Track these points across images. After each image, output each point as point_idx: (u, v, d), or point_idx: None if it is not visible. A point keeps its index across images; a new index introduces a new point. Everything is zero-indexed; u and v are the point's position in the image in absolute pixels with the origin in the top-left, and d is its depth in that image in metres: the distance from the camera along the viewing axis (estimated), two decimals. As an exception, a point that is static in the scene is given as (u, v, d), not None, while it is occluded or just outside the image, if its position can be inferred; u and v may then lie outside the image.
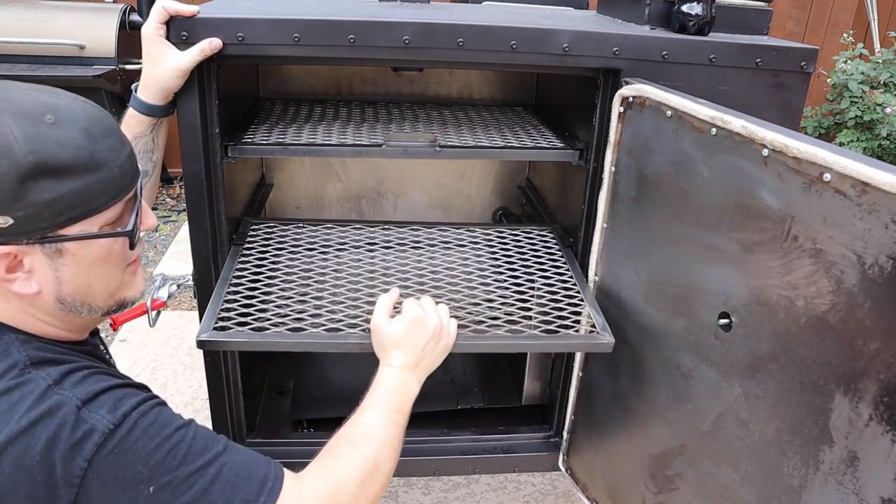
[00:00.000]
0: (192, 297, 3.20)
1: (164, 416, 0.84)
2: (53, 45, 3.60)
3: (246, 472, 0.86)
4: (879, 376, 0.80)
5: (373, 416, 1.06)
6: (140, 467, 0.79)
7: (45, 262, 0.83)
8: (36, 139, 0.78)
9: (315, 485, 0.93)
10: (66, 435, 0.77)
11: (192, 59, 1.18)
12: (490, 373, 2.06)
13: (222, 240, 1.40)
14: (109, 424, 0.79)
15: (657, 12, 1.39)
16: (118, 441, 0.79)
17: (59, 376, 0.81)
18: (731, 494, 1.06)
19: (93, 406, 0.80)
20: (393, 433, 1.06)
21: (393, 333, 1.15)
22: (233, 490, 0.83)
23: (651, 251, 1.22)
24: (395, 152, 1.52)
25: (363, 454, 0.99)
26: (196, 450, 0.83)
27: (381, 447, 1.03)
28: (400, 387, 1.11)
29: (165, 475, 0.80)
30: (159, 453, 0.81)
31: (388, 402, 1.08)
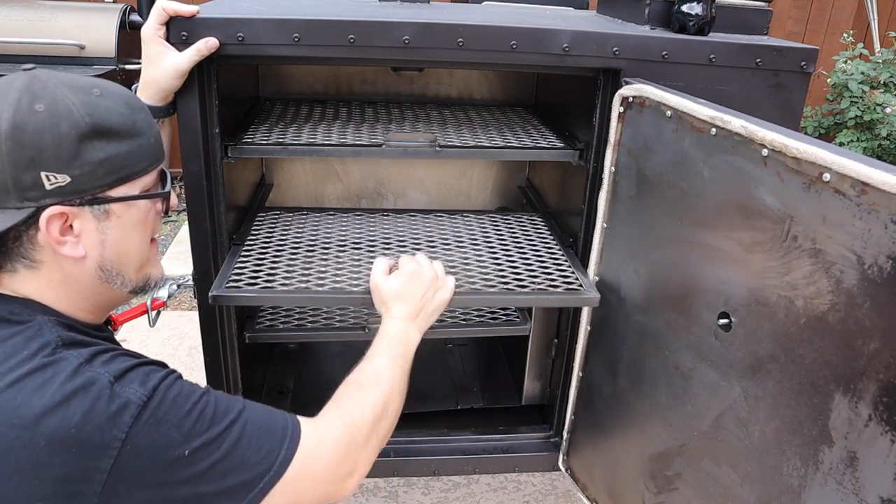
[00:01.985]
0: (192, 297, 3.20)
1: (186, 386, 0.90)
2: (53, 45, 3.59)
3: (267, 425, 0.93)
4: (879, 376, 0.80)
5: (379, 363, 1.13)
6: (174, 434, 0.85)
7: (93, 226, 0.90)
8: (89, 105, 0.86)
9: (331, 426, 1.00)
10: (102, 408, 0.81)
11: (189, 59, 1.18)
12: (490, 373, 2.06)
13: (222, 240, 1.40)
14: (143, 397, 0.84)
15: (657, 12, 1.39)
16: (151, 412, 0.84)
17: (89, 356, 0.86)
18: (731, 494, 1.06)
19: (124, 381, 0.85)
20: (398, 377, 1.13)
21: (392, 287, 1.23)
22: (258, 442, 0.91)
23: (651, 251, 1.22)
24: (395, 152, 1.52)
25: (374, 397, 1.07)
26: (220, 412, 0.90)
27: (389, 390, 1.10)
28: (402, 336, 1.18)
29: (197, 438, 0.86)
30: (189, 419, 0.86)
31: (392, 350, 1.15)
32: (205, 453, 0.86)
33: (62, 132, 0.83)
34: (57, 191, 0.85)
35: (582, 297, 1.38)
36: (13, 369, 0.82)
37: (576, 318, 1.51)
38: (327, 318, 1.70)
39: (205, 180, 1.31)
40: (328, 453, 0.97)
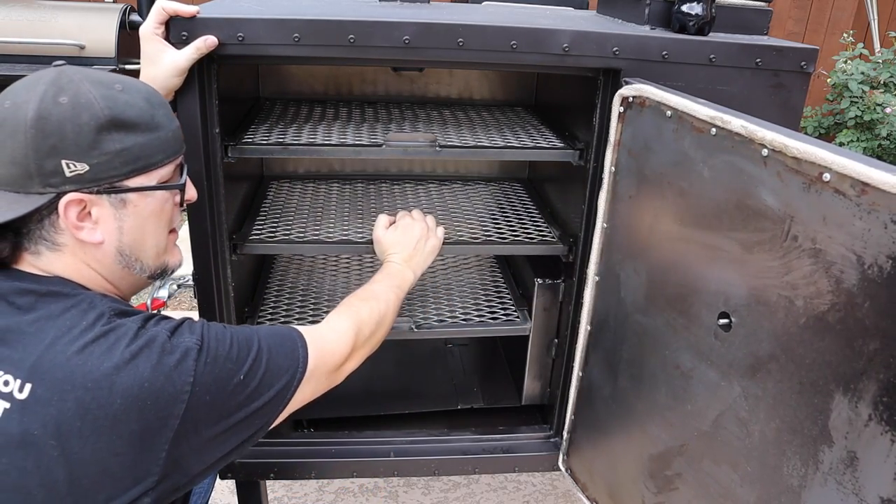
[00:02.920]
0: (192, 297, 3.20)
1: (215, 325, 1.01)
2: (53, 45, 3.59)
3: (280, 336, 1.07)
4: (879, 376, 0.80)
5: (379, 287, 1.34)
6: (229, 365, 0.96)
7: (110, 213, 0.96)
8: (110, 98, 0.92)
9: (339, 323, 1.19)
10: (167, 360, 0.90)
11: (188, 57, 1.18)
12: (490, 373, 2.06)
13: (222, 240, 1.41)
14: (196, 342, 0.94)
15: (657, 12, 1.39)
16: (206, 352, 0.94)
17: (142, 320, 0.94)
18: (731, 494, 1.06)
19: (177, 334, 0.94)
20: (393, 300, 1.33)
21: (389, 238, 1.46)
22: (281, 350, 1.05)
23: (651, 251, 1.22)
24: (395, 152, 1.52)
25: (375, 306, 1.27)
26: (247, 336, 1.02)
27: (386, 306, 1.30)
28: (399, 273, 1.40)
29: (245, 362, 0.98)
30: (235, 349, 0.98)
31: (389, 280, 1.37)
32: (254, 373, 0.98)
33: (82, 122, 0.89)
34: (76, 178, 0.90)
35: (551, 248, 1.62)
36: (77, 338, 0.89)
37: (576, 318, 1.51)
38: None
39: (205, 180, 1.31)
40: (339, 342, 1.16)
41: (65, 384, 0.86)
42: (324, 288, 1.87)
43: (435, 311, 1.76)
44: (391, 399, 1.90)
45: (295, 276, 1.93)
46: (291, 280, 1.91)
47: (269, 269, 1.97)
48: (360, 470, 1.64)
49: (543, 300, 1.69)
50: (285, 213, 1.78)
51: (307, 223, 1.71)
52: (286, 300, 1.79)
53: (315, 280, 1.91)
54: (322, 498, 2.13)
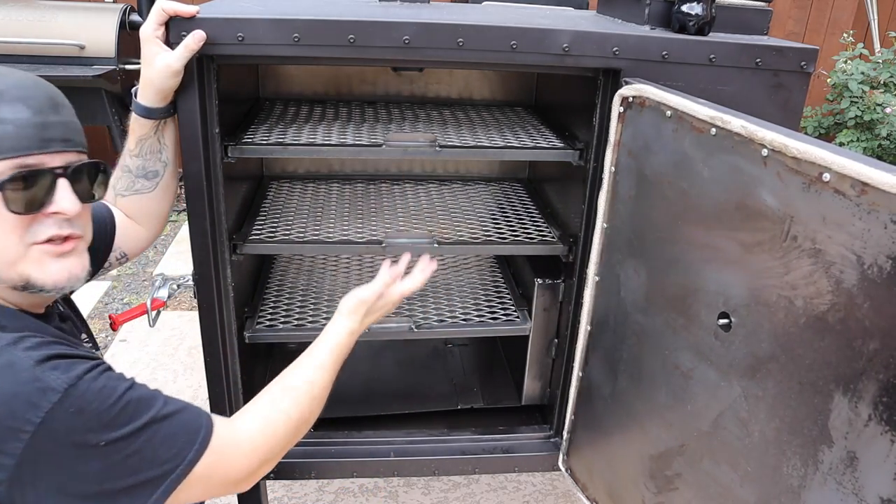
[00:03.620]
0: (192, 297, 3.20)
1: (112, 379, 0.90)
2: (53, 45, 3.60)
3: (183, 423, 0.94)
4: (879, 376, 0.80)
5: (320, 378, 1.15)
6: (93, 423, 0.85)
7: None
8: None
9: (253, 435, 1.02)
10: (17, 391, 0.81)
11: (179, 57, 1.17)
12: (490, 373, 2.06)
13: (222, 240, 1.40)
14: (64, 384, 0.83)
15: (657, 12, 1.39)
16: (73, 400, 0.83)
17: (13, 340, 0.85)
18: (731, 494, 1.06)
19: (46, 367, 0.84)
20: (327, 392, 1.16)
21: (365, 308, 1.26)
22: (172, 440, 0.91)
23: (651, 251, 1.22)
24: (395, 152, 1.53)
25: (300, 413, 1.09)
26: (142, 406, 0.90)
27: (317, 408, 1.13)
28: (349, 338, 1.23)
29: (116, 430, 0.86)
30: (112, 411, 0.86)
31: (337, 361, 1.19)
32: (121, 445, 0.86)
33: None
34: None
35: (549, 248, 1.63)
36: None
37: (576, 318, 1.51)
38: (327, 318, 1.69)
39: (205, 180, 1.31)
40: (243, 457, 0.99)
41: None
42: (324, 288, 1.87)
43: (435, 311, 1.76)
44: (391, 399, 1.90)
45: (295, 276, 1.93)
46: (291, 280, 1.91)
47: (269, 269, 1.97)
48: (360, 470, 1.64)
49: (543, 300, 1.69)
50: (285, 213, 1.78)
51: (307, 223, 1.71)
52: (286, 300, 1.79)
53: (315, 280, 1.91)
54: (322, 498, 2.13)
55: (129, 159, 1.27)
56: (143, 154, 1.27)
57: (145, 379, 2.80)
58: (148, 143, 1.25)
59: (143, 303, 1.54)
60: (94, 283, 3.40)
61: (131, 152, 1.26)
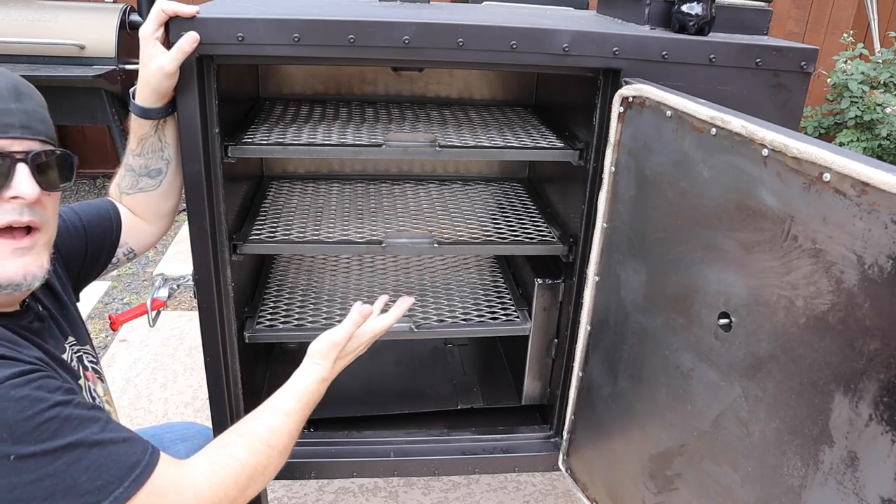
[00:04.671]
0: (192, 297, 3.20)
1: (44, 391, 0.83)
2: (53, 45, 3.60)
3: (117, 454, 0.86)
4: (879, 376, 0.80)
5: (285, 425, 1.08)
6: (4, 435, 0.79)
7: None
8: None
9: (198, 482, 0.93)
10: None
11: (173, 59, 1.16)
12: (490, 373, 2.06)
13: (222, 240, 1.40)
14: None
15: (657, 12, 1.39)
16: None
17: None
18: (731, 494, 1.06)
19: None
20: (292, 441, 1.09)
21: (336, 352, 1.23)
22: (99, 470, 0.84)
23: (651, 251, 1.22)
24: (395, 152, 1.52)
25: (257, 463, 1.01)
26: (70, 427, 0.83)
27: (278, 458, 1.05)
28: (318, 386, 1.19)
29: (31, 446, 0.80)
30: (29, 424, 0.80)
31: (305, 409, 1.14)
32: (34, 465, 0.80)
33: None
34: None
35: (549, 247, 1.63)
36: None
37: (576, 318, 1.51)
38: (327, 318, 1.70)
39: (205, 180, 1.31)
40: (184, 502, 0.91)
41: None
42: (324, 288, 1.87)
43: (435, 311, 1.76)
44: (391, 399, 1.90)
45: (295, 276, 1.93)
46: (291, 280, 1.91)
47: (269, 269, 1.97)
48: (360, 470, 1.64)
49: (543, 300, 1.69)
50: (285, 213, 1.78)
51: (307, 223, 1.71)
52: (286, 300, 1.79)
53: (315, 280, 1.91)
54: (322, 498, 2.13)
55: (131, 158, 1.28)
56: (145, 153, 1.27)
57: (145, 379, 2.80)
58: (149, 143, 1.26)
59: (143, 303, 1.54)
60: (94, 283, 3.39)
61: (133, 152, 1.27)
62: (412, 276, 1.97)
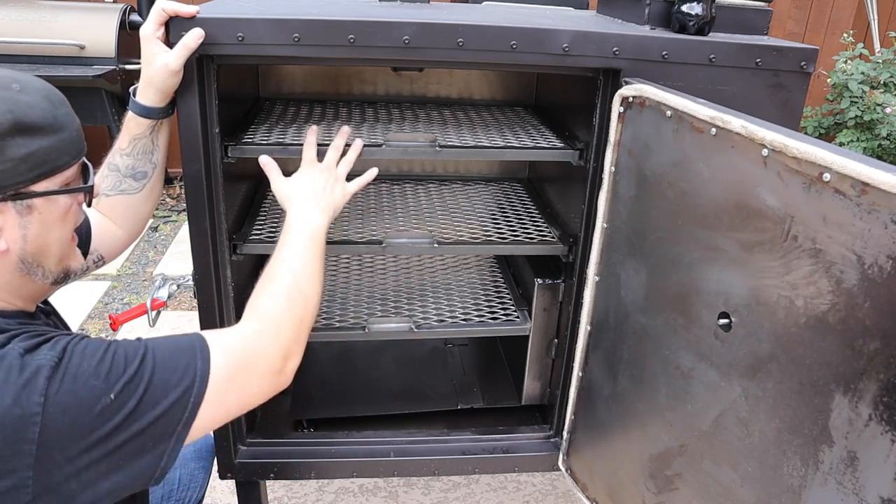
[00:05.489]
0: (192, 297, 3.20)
1: (93, 341, 0.91)
2: (53, 45, 3.60)
3: (173, 346, 0.95)
4: (879, 376, 0.80)
5: (288, 251, 1.16)
6: (94, 382, 0.86)
7: (15, 221, 0.90)
8: (9, 101, 0.87)
9: (249, 323, 1.05)
10: (13, 378, 0.82)
11: (178, 56, 1.17)
12: (490, 373, 2.06)
13: (222, 240, 1.40)
14: (54, 358, 0.85)
15: (657, 12, 1.39)
16: (65, 369, 0.85)
17: (5, 339, 0.87)
18: (731, 494, 1.06)
19: (35, 352, 0.85)
20: (310, 260, 1.16)
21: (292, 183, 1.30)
22: (172, 363, 0.93)
23: (651, 251, 1.22)
24: (395, 152, 1.52)
25: (285, 285, 1.11)
26: (130, 353, 0.91)
27: (302, 275, 1.13)
28: (305, 220, 1.22)
29: (117, 381, 0.87)
30: (104, 366, 0.87)
31: (299, 235, 1.19)
32: (129, 391, 0.87)
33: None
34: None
35: (549, 247, 1.62)
36: None
37: (576, 318, 1.51)
38: (327, 318, 1.70)
39: (205, 180, 1.31)
40: (255, 345, 1.01)
41: None
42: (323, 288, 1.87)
43: (435, 311, 1.76)
44: (391, 399, 1.90)
45: (295, 276, 1.93)
46: (291, 280, 1.91)
47: (269, 269, 1.97)
48: (360, 470, 1.64)
49: (543, 300, 1.69)
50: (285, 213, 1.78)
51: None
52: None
53: None
54: (322, 498, 2.13)
55: (118, 158, 1.27)
56: (135, 154, 1.27)
57: (145, 379, 2.79)
58: (141, 144, 1.25)
59: (143, 303, 1.54)
60: (95, 284, 3.40)
61: (122, 151, 1.26)
62: (412, 276, 1.97)
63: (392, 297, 1.83)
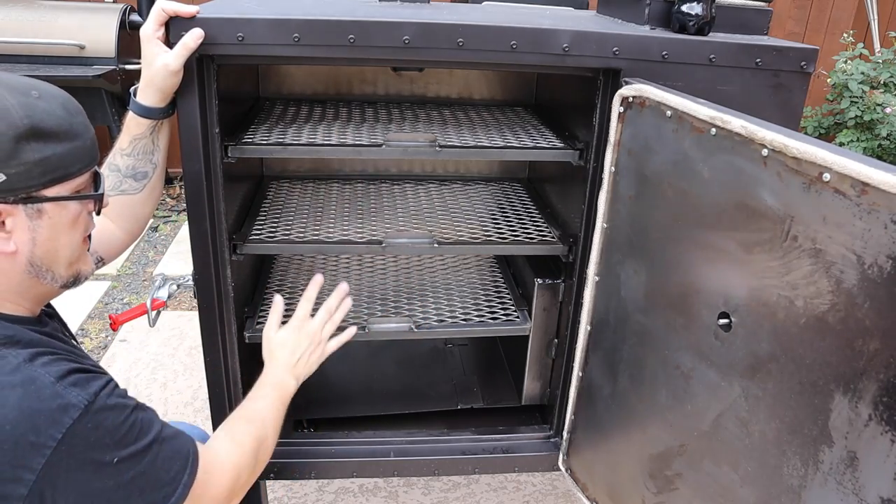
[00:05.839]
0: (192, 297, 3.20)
1: (123, 396, 0.94)
2: (53, 45, 3.60)
3: (177, 447, 1.00)
4: (879, 376, 0.80)
5: (264, 405, 1.28)
6: (108, 440, 0.88)
7: (25, 223, 0.91)
8: (28, 107, 0.89)
9: (221, 458, 1.11)
10: (40, 407, 0.84)
11: (178, 56, 1.17)
12: (490, 373, 2.06)
13: (222, 240, 1.40)
14: (84, 400, 0.87)
15: (657, 12, 1.39)
16: (91, 416, 0.87)
17: (29, 356, 0.88)
18: (731, 494, 1.06)
19: (65, 383, 0.87)
20: (277, 418, 1.29)
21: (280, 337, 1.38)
22: (169, 462, 0.97)
23: (651, 251, 1.22)
24: (395, 152, 1.52)
25: (258, 433, 1.21)
26: (146, 427, 0.95)
27: (272, 430, 1.26)
28: (283, 384, 1.34)
29: (126, 448, 0.90)
30: (123, 429, 0.90)
31: (273, 395, 1.31)
32: (130, 464, 0.91)
33: (0, 132, 0.86)
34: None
35: (549, 247, 1.63)
36: None
37: (576, 318, 1.51)
38: (327, 318, 1.69)
39: (205, 180, 1.31)
40: (219, 481, 1.07)
41: None
42: (324, 288, 1.87)
43: (435, 311, 1.76)
44: (391, 399, 1.90)
45: (295, 276, 1.93)
46: (291, 280, 1.91)
47: (269, 269, 1.97)
48: (360, 470, 1.64)
49: (543, 300, 1.69)
50: (285, 213, 1.78)
51: (307, 223, 1.71)
52: (286, 300, 1.79)
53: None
54: (322, 498, 2.13)
55: (119, 158, 1.27)
56: (136, 154, 1.27)
57: (145, 379, 2.81)
58: (142, 144, 1.25)
59: (143, 303, 1.54)
60: (95, 284, 3.40)
61: (123, 151, 1.26)
62: (412, 276, 1.97)
63: (392, 297, 1.83)
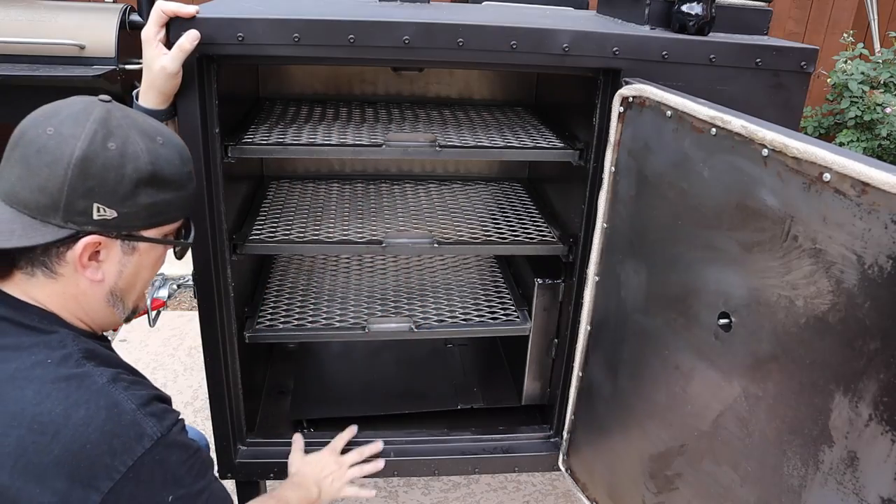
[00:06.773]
0: (192, 297, 3.20)
1: (188, 435, 0.98)
2: (53, 45, 3.59)
3: (220, 490, 1.02)
4: (879, 376, 0.80)
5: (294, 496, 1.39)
6: (168, 476, 0.91)
7: (118, 257, 0.97)
8: (153, 153, 0.94)
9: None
10: (120, 431, 0.87)
11: (174, 58, 1.17)
12: (490, 373, 2.06)
13: (222, 240, 1.40)
14: (158, 433, 0.90)
15: (657, 12, 1.39)
16: (161, 449, 0.90)
17: (111, 377, 0.91)
18: (731, 494, 1.06)
19: (145, 412, 0.90)
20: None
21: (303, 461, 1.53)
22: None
23: (651, 251, 1.22)
24: (395, 152, 1.52)
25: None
26: (202, 470, 0.97)
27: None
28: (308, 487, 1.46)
29: (183, 487, 0.93)
30: (184, 468, 0.93)
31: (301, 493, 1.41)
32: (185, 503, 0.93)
33: (125, 173, 0.91)
34: (101, 222, 0.91)
35: (548, 248, 1.63)
36: (39, 376, 0.87)
37: (576, 318, 1.51)
38: (327, 318, 1.70)
39: (205, 180, 1.31)
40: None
41: (13, 419, 0.84)
42: (324, 288, 1.87)
43: (435, 311, 1.76)
44: (391, 399, 1.90)
45: (295, 276, 1.93)
46: (291, 280, 1.91)
47: (269, 269, 1.97)
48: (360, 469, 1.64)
49: (543, 300, 1.69)
50: (285, 213, 1.78)
51: (307, 223, 1.71)
52: (286, 300, 1.79)
53: (315, 280, 1.91)
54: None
55: None
56: None
57: (145, 379, 2.78)
58: None
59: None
60: (94, 283, 3.39)
61: None
62: (412, 276, 1.97)
63: (392, 297, 1.83)
